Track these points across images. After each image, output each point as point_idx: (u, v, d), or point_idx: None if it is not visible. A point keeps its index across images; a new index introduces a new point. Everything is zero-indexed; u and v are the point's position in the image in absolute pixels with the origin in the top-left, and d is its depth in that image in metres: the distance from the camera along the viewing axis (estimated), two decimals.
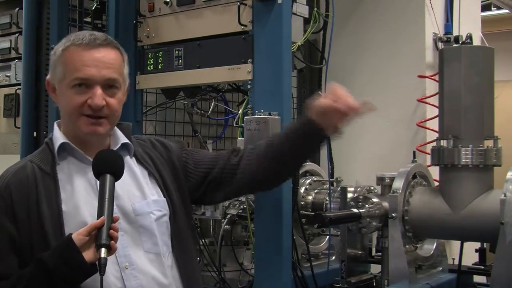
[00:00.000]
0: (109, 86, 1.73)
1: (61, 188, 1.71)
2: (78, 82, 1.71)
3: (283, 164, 2.00)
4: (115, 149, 1.81)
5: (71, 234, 1.57)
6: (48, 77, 1.81)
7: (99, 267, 1.49)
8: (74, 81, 1.71)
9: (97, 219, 1.54)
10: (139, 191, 1.81)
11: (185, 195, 1.93)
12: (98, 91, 1.70)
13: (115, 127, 1.85)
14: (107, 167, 1.62)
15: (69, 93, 1.72)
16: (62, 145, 1.76)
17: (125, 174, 1.77)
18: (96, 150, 1.72)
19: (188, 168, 1.96)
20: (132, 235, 1.74)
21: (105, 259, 1.49)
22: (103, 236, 1.51)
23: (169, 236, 1.83)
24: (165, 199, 1.84)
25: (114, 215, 1.63)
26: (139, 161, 1.86)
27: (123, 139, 1.84)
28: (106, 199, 1.56)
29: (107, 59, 1.73)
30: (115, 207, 1.71)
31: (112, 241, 1.53)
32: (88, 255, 1.54)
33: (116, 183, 1.71)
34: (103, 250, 1.50)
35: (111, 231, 1.53)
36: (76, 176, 1.74)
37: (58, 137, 1.77)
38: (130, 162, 1.84)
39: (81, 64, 1.70)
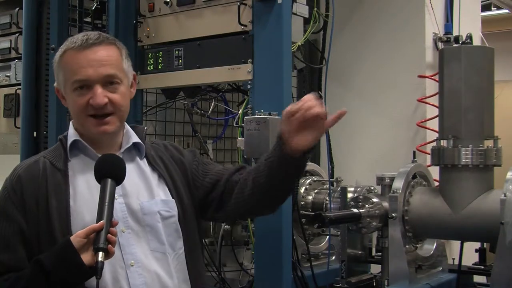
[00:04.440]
0: (109, 82, 1.74)
1: (70, 184, 1.73)
2: (78, 85, 1.73)
3: (273, 195, 1.89)
4: (126, 147, 1.83)
5: (70, 235, 1.57)
6: (55, 84, 1.84)
7: (96, 270, 1.49)
8: (74, 84, 1.73)
9: (96, 223, 1.55)
10: (148, 191, 1.82)
11: (196, 201, 1.93)
12: (98, 90, 1.71)
13: (129, 128, 1.88)
14: (109, 172, 1.63)
15: (72, 96, 1.75)
16: (74, 142, 1.78)
17: (135, 174, 1.81)
18: (107, 148, 1.77)
19: (197, 177, 1.95)
20: (138, 234, 1.75)
21: (102, 262, 1.50)
22: (101, 239, 1.52)
23: (178, 238, 1.83)
24: (174, 200, 1.85)
25: (122, 213, 1.70)
26: (150, 163, 1.88)
27: (135, 138, 1.86)
28: (106, 203, 1.57)
29: (101, 57, 1.74)
30: (123, 205, 1.74)
31: (110, 245, 1.53)
32: (85, 257, 1.54)
33: (126, 182, 1.74)
34: (100, 253, 1.51)
35: (109, 235, 1.54)
36: (85, 174, 1.75)
37: (72, 135, 1.80)
38: (140, 162, 1.86)
39: (77, 66, 1.72)
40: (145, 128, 1.98)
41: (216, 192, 1.92)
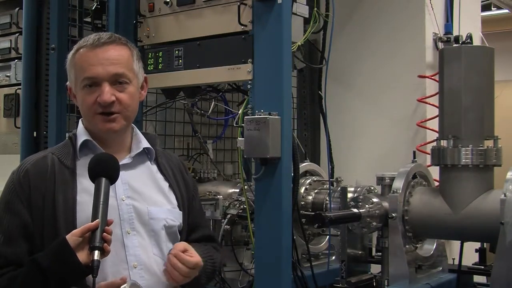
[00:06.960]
0: (118, 81, 1.75)
1: (78, 182, 1.73)
2: (87, 83, 1.73)
3: None
4: (136, 152, 1.84)
5: (65, 235, 1.57)
6: (67, 83, 1.85)
7: (92, 269, 1.50)
8: (83, 81, 1.74)
9: (92, 221, 1.55)
10: (158, 197, 1.83)
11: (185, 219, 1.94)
12: (106, 87, 1.72)
13: (138, 131, 1.89)
14: (102, 171, 1.63)
15: (81, 94, 1.76)
16: (85, 142, 1.78)
17: (146, 177, 1.83)
18: (116, 149, 1.78)
19: (192, 205, 1.98)
20: (143, 236, 1.76)
21: (98, 261, 1.50)
22: (96, 238, 1.52)
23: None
24: (181, 212, 1.87)
25: (128, 215, 1.72)
26: (161, 171, 1.89)
27: (146, 144, 1.87)
28: (101, 202, 1.57)
29: (111, 56, 1.74)
30: (130, 206, 1.75)
31: (105, 244, 1.54)
32: (81, 256, 1.54)
33: (136, 184, 1.76)
34: (96, 252, 1.51)
35: (105, 234, 1.54)
36: None
37: (82, 133, 1.80)
38: (151, 168, 1.87)
39: (87, 64, 1.73)
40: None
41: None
